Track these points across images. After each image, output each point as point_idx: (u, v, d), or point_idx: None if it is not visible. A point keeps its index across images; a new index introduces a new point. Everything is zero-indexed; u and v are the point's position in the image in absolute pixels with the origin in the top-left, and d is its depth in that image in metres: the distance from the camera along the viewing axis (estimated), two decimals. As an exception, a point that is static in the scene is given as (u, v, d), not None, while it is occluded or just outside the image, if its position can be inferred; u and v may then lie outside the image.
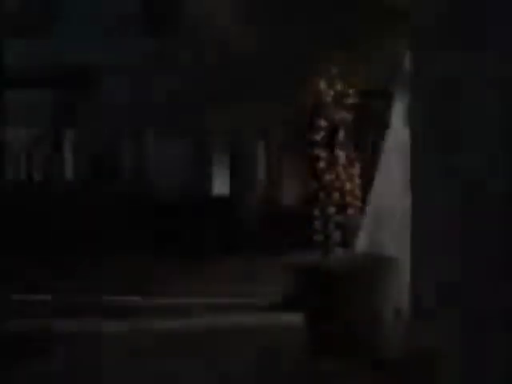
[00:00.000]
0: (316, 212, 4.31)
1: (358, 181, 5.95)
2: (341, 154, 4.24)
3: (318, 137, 4.30)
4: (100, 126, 17.46)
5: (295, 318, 4.84)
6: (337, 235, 4.28)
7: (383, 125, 5.58)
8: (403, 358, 3.69)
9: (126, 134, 18.76)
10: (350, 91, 4.23)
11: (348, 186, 4.52)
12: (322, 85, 4.22)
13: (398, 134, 4.78)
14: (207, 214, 11.01)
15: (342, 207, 4.56)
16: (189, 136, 18.73)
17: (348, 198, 4.94)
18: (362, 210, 5.97)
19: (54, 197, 14.17)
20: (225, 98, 5.50)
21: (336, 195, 4.31)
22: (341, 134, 4.22)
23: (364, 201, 5.96)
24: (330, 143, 4.23)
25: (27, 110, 16.30)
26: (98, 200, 11.75)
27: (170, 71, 14.78)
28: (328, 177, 4.23)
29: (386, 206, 4.70)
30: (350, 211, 5.46)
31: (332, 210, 4.22)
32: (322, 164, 4.27)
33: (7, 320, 5.10)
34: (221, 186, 17.09)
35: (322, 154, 4.26)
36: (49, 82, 16.53)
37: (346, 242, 4.33)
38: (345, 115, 4.23)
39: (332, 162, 4.24)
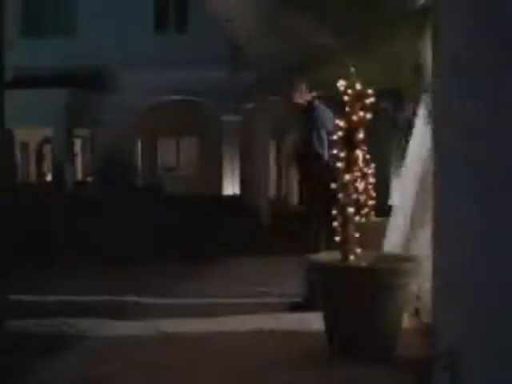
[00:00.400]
0: (335, 212, 4.31)
1: (372, 180, 5.94)
2: (360, 154, 4.24)
3: (337, 137, 4.30)
4: (115, 125, 17.51)
5: (316, 319, 4.86)
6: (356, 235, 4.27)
7: (396, 125, 5.57)
8: (425, 359, 3.68)
9: (140, 133, 18.78)
10: (369, 91, 4.23)
11: (363, 185, 4.51)
12: (341, 84, 4.22)
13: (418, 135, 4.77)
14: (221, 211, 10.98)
15: (358, 207, 4.55)
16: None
17: (363, 198, 4.93)
18: (375, 210, 5.97)
19: (68, 196, 14.18)
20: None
21: (355, 195, 4.30)
22: (360, 134, 4.22)
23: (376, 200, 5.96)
24: (348, 143, 4.23)
25: (42, 110, 16.38)
26: (113, 199, 11.72)
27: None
28: (347, 177, 4.23)
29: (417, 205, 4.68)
30: (365, 211, 5.46)
31: (351, 210, 4.22)
32: (341, 164, 4.27)
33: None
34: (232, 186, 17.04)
35: (341, 153, 4.26)
36: (64, 82, 16.61)
37: (365, 243, 4.33)
38: (364, 115, 4.22)
39: (351, 162, 4.24)
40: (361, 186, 4.43)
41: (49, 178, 18.75)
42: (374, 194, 5.78)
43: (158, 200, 12.31)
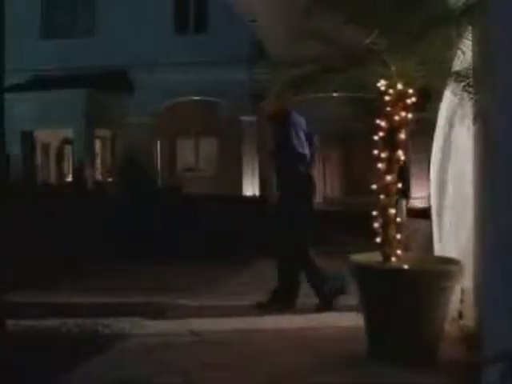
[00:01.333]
0: (376, 213, 4.27)
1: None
2: (401, 155, 4.20)
3: (378, 137, 4.25)
4: (135, 125, 17.55)
5: (348, 318, 4.82)
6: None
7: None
8: (470, 363, 3.64)
9: (160, 134, 18.82)
10: (410, 91, 4.18)
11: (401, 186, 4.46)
12: (382, 84, 4.17)
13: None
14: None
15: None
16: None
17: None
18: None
19: (87, 196, 14.22)
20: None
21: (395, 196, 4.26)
22: (401, 135, 4.17)
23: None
24: (390, 143, 4.18)
25: (63, 111, 16.46)
26: (134, 199, 11.73)
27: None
28: (388, 178, 4.18)
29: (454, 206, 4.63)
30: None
31: (393, 211, 4.17)
32: (382, 165, 4.22)
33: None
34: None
35: (382, 154, 4.22)
36: (84, 83, 16.67)
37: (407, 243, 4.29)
38: (405, 115, 4.17)
39: (392, 163, 4.19)
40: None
41: (69, 178, 18.83)
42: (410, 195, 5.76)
43: (178, 200, 12.33)
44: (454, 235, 4.70)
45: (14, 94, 17.32)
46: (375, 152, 4.32)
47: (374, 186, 4.27)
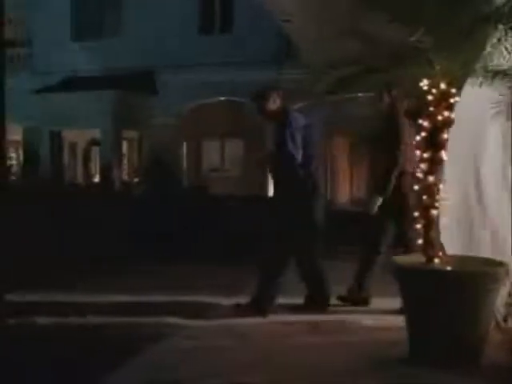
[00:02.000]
0: (417, 214, 4.22)
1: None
2: (444, 155, 4.14)
3: (420, 137, 4.21)
4: (161, 126, 17.64)
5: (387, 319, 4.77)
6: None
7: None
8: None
9: (186, 134, 18.88)
10: (453, 90, 4.13)
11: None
12: (425, 84, 4.13)
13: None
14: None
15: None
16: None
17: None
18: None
19: (114, 197, 14.31)
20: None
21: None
22: (444, 135, 4.12)
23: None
24: (432, 144, 4.13)
25: (90, 112, 16.59)
26: (160, 199, 11.77)
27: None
28: (431, 178, 4.13)
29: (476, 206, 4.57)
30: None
31: (435, 212, 4.12)
32: (424, 165, 4.17)
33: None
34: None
35: (425, 155, 4.17)
36: (111, 84, 16.80)
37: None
38: (448, 115, 4.12)
39: (435, 164, 4.14)
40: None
41: (96, 179, 18.99)
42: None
43: (203, 200, 12.35)
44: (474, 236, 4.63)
45: (44, 95, 17.56)
46: (417, 152, 4.28)
47: (416, 187, 4.23)
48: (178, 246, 8.70)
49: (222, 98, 17.96)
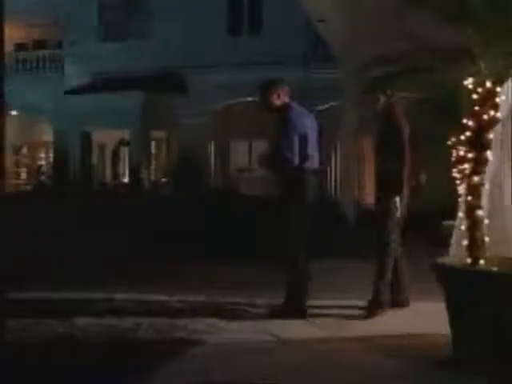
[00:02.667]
0: (462, 215, 4.15)
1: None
2: (489, 155, 4.07)
3: (464, 137, 4.14)
4: (190, 126, 17.68)
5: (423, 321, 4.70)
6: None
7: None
8: None
9: (214, 134, 18.91)
10: (499, 89, 4.05)
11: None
12: (469, 83, 4.06)
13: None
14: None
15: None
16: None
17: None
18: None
19: (143, 197, 14.36)
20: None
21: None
22: (490, 134, 4.04)
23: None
24: (478, 144, 4.06)
25: (119, 113, 16.71)
26: (188, 199, 11.79)
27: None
28: (476, 179, 4.06)
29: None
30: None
31: (481, 212, 4.05)
32: (468, 165, 4.10)
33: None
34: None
35: (469, 154, 4.10)
36: (140, 85, 16.90)
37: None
38: (494, 114, 4.04)
39: (480, 164, 4.07)
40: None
41: (124, 179, 19.13)
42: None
43: (231, 200, 12.33)
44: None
45: (74, 96, 17.75)
46: (460, 152, 4.21)
47: (461, 188, 4.17)
48: (204, 246, 8.68)
49: (250, 99, 17.95)
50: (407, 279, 5.54)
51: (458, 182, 6.08)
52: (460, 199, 4.86)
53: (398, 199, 5.22)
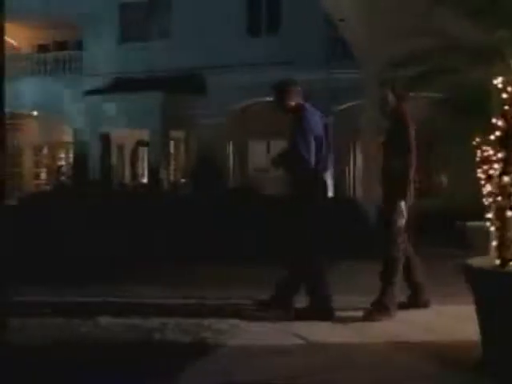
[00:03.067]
0: (491, 216, 4.10)
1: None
2: (520, 155, 4.01)
3: (494, 137, 4.08)
4: (208, 126, 17.69)
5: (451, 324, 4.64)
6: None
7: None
8: None
9: (232, 135, 18.92)
10: (529, 88, 3.99)
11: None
12: (499, 82, 4.00)
13: None
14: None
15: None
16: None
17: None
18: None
19: (162, 197, 14.37)
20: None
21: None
22: (519, 134, 3.98)
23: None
24: (508, 143, 4.01)
25: (139, 113, 16.77)
26: (206, 199, 11.76)
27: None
28: (506, 179, 4.00)
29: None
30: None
31: (510, 213, 3.99)
32: (498, 165, 4.05)
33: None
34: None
35: (499, 154, 4.04)
36: (159, 85, 16.94)
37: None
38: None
39: (510, 164, 4.01)
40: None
41: (143, 179, 19.19)
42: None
43: (249, 201, 12.29)
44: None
45: (94, 97, 17.85)
46: (486, 152, 4.16)
47: (489, 188, 4.11)
48: (226, 246, 8.66)
49: (269, 99, 17.92)
50: (424, 279, 5.46)
51: (482, 182, 6.04)
52: (485, 200, 4.83)
53: (403, 203, 5.10)
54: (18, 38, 24.00)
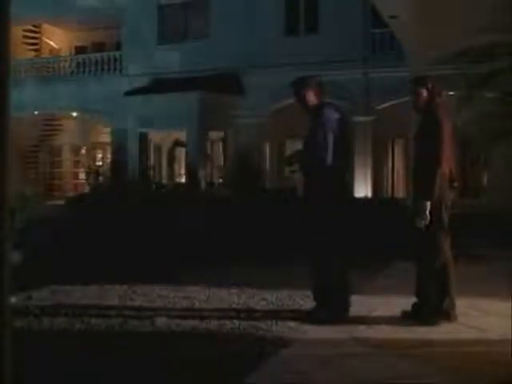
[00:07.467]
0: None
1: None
2: None
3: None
4: (246, 126, 17.66)
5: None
6: None
7: None
8: None
9: (270, 135, 18.87)
10: None
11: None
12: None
13: None
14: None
15: None
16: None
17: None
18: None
19: (200, 197, 14.37)
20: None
21: None
22: None
23: None
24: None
25: (176, 113, 16.80)
26: (244, 200, 11.73)
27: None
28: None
29: None
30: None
31: None
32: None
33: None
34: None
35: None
36: (197, 85, 16.95)
37: None
38: None
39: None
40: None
41: (181, 179, 19.22)
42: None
43: (285, 201, 12.21)
44: None
45: (133, 97, 17.96)
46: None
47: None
48: (263, 248, 8.60)
49: (306, 98, 17.83)
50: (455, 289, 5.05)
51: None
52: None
53: (427, 203, 4.80)
54: (56, 39, 24.33)
